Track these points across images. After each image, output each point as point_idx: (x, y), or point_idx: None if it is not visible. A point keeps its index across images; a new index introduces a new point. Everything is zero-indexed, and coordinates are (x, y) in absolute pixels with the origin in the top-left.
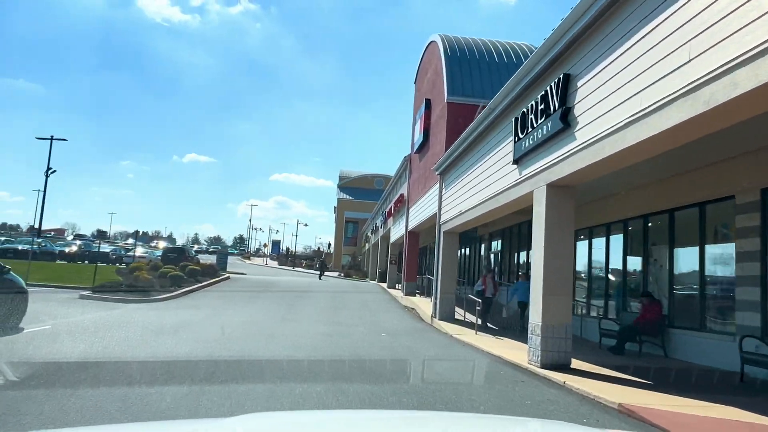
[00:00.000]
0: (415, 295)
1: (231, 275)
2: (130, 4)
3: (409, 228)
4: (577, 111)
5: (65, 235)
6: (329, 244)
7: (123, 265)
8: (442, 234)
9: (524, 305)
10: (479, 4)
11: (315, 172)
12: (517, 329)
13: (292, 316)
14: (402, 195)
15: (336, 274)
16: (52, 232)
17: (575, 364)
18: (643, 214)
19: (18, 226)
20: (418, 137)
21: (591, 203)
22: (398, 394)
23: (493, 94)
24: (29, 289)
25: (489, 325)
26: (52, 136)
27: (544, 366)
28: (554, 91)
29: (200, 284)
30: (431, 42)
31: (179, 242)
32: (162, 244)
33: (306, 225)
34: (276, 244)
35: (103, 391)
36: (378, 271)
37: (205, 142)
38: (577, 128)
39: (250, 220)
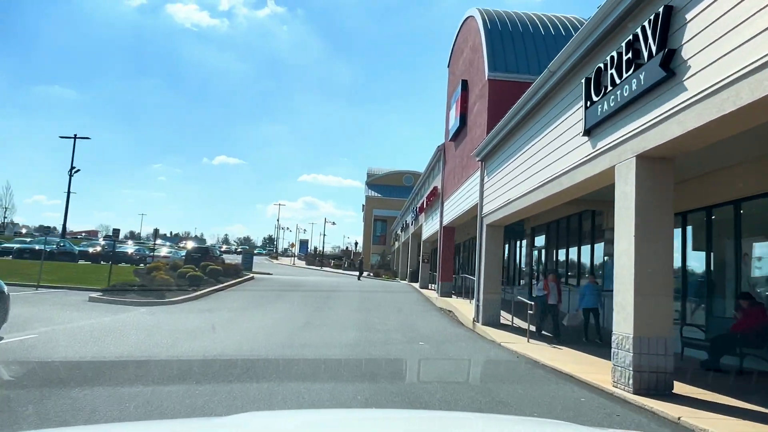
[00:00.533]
0: (450, 296)
1: (256, 275)
2: (159, 11)
3: (444, 223)
4: (686, 52)
5: (98, 236)
6: (356, 243)
7: (143, 266)
8: (484, 228)
9: (594, 312)
10: (504, 4)
11: (343, 173)
12: (579, 338)
13: (318, 321)
14: (435, 188)
15: (365, 273)
16: (83, 233)
17: (675, 386)
18: (735, 199)
19: (54, 228)
20: (454, 123)
21: None
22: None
23: (540, 70)
24: (40, 291)
25: (543, 332)
26: (75, 135)
27: (638, 392)
28: (649, 32)
29: (221, 285)
30: (468, 18)
31: (209, 243)
32: (191, 245)
33: (333, 224)
34: (303, 243)
35: None
36: (408, 271)
37: (235, 145)
38: (687, 75)
39: (277, 221)
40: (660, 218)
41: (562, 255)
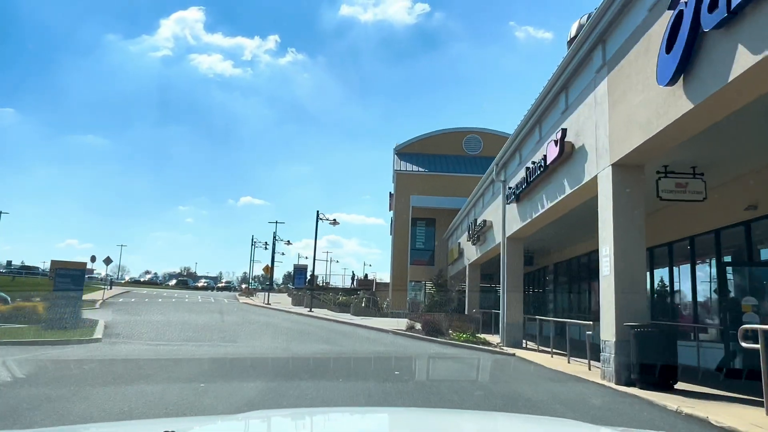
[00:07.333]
0: None
1: None
2: (184, 63)
3: None
4: None
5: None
6: (359, 276)
7: None
8: None
9: None
10: (516, 43)
11: (365, 211)
12: None
13: None
14: None
15: (403, 325)
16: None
17: None
18: None
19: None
20: None
21: None
22: None
23: None
24: None
25: None
26: None
27: None
28: None
29: None
30: None
31: (226, 280)
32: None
33: (336, 223)
34: (300, 270)
35: None
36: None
37: (259, 186)
38: None
39: (274, 238)
40: None
41: None
